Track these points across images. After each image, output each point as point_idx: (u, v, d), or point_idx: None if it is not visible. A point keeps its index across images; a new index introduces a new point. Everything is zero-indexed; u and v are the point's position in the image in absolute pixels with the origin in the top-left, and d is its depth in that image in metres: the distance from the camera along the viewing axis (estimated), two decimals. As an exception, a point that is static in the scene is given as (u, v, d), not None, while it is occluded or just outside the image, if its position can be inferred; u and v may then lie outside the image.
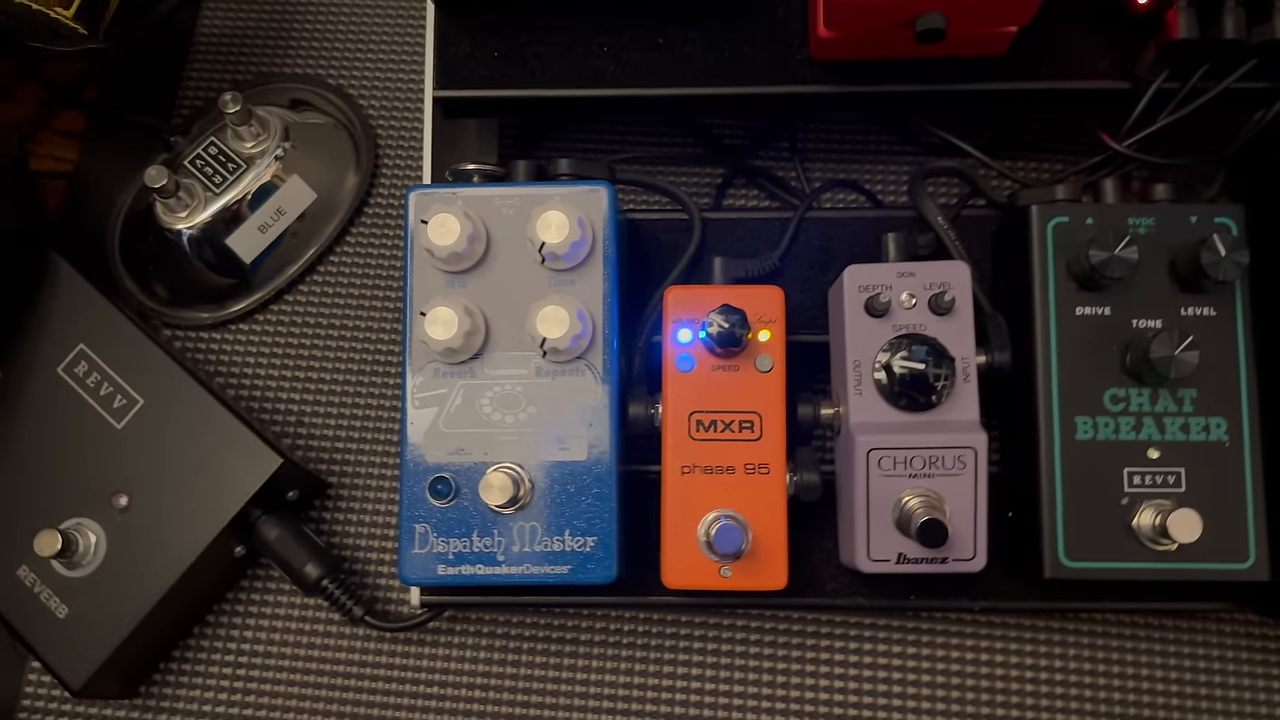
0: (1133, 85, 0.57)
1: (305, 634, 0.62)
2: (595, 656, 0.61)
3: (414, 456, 0.51)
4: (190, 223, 0.65)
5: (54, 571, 0.57)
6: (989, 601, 0.55)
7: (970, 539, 0.50)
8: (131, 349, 0.60)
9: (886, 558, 0.50)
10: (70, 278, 0.62)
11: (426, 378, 0.52)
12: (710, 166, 0.69)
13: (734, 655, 0.60)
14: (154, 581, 0.57)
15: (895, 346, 0.50)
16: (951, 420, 0.50)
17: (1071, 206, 0.53)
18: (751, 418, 0.51)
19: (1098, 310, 0.52)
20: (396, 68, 0.73)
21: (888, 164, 0.69)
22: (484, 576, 0.51)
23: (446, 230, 0.50)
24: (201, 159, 0.66)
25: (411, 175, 0.70)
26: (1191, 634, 0.59)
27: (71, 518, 0.58)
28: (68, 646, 0.57)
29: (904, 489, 0.50)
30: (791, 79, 0.58)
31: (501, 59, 0.59)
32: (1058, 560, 0.51)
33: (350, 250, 0.69)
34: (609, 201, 0.52)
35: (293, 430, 0.66)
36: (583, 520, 0.51)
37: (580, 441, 0.51)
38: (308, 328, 0.68)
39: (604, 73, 0.59)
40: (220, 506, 0.57)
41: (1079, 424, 0.51)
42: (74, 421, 0.59)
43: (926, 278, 0.51)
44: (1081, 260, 0.51)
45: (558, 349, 0.50)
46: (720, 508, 0.51)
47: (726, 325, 0.50)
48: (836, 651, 0.60)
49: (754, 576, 0.50)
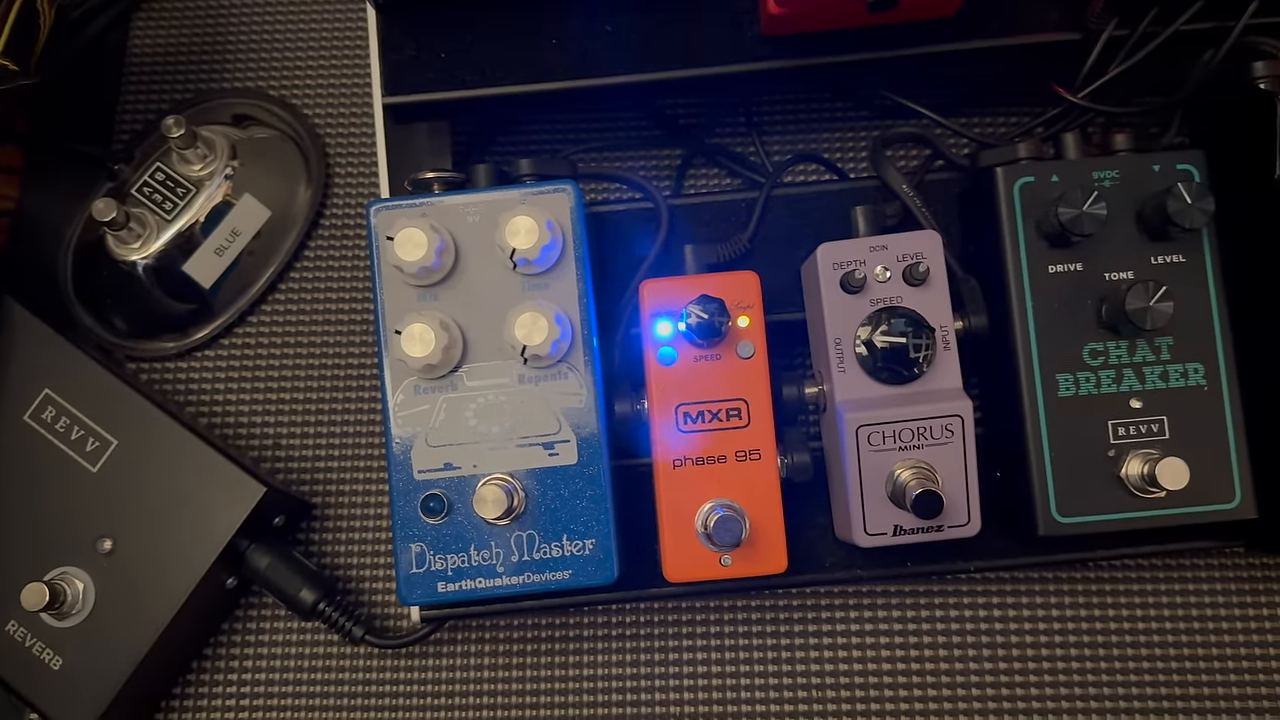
0: (1084, 36, 0.57)
1: (306, 658, 0.61)
2: (600, 651, 0.61)
3: (402, 475, 0.51)
4: (144, 253, 0.64)
5: (44, 624, 0.56)
6: (984, 561, 0.56)
7: (964, 505, 0.50)
8: (98, 388, 0.59)
9: (883, 531, 0.50)
10: (26, 321, 0.60)
11: (407, 395, 0.51)
12: (669, 149, 0.69)
13: (737, 637, 0.61)
14: (147, 623, 0.56)
15: (874, 321, 0.50)
16: (935, 390, 0.50)
17: (1036, 165, 0.53)
18: (738, 405, 0.51)
19: (1070, 267, 0.52)
20: (338, 74, 0.71)
21: (845, 131, 0.68)
22: (485, 590, 0.50)
23: (414, 245, 0.49)
24: (149, 186, 0.64)
25: (366, 183, 0.69)
26: (1183, 572, 0.60)
27: (56, 567, 0.57)
28: (67, 698, 0.56)
29: (895, 462, 0.50)
30: (744, 57, 0.57)
31: (449, 60, 0.58)
32: (1051, 517, 0.51)
33: (310, 265, 0.68)
34: (575, 200, 0.52)
35: (270, 454, 0.65)
36: (579, 524, 0.51)
37: (569, 446, 0.51)
38: (275, 348, 0.66)
39: (554, 66, 0.58)
40: (207, 541, 0.56)
41: (1060, 381, 0.52)
42: (48, 469, 0.58)
43: (899, 249, 0.51)
44: (1050, 219, 0.51)
45: (539, 355, 0.49)
46: (715, 498, 0.51)
47: (706, 315, 0.49)
48: (838, 623, 0.61)
49: (754, 563, 0.51)
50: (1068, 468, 0.51)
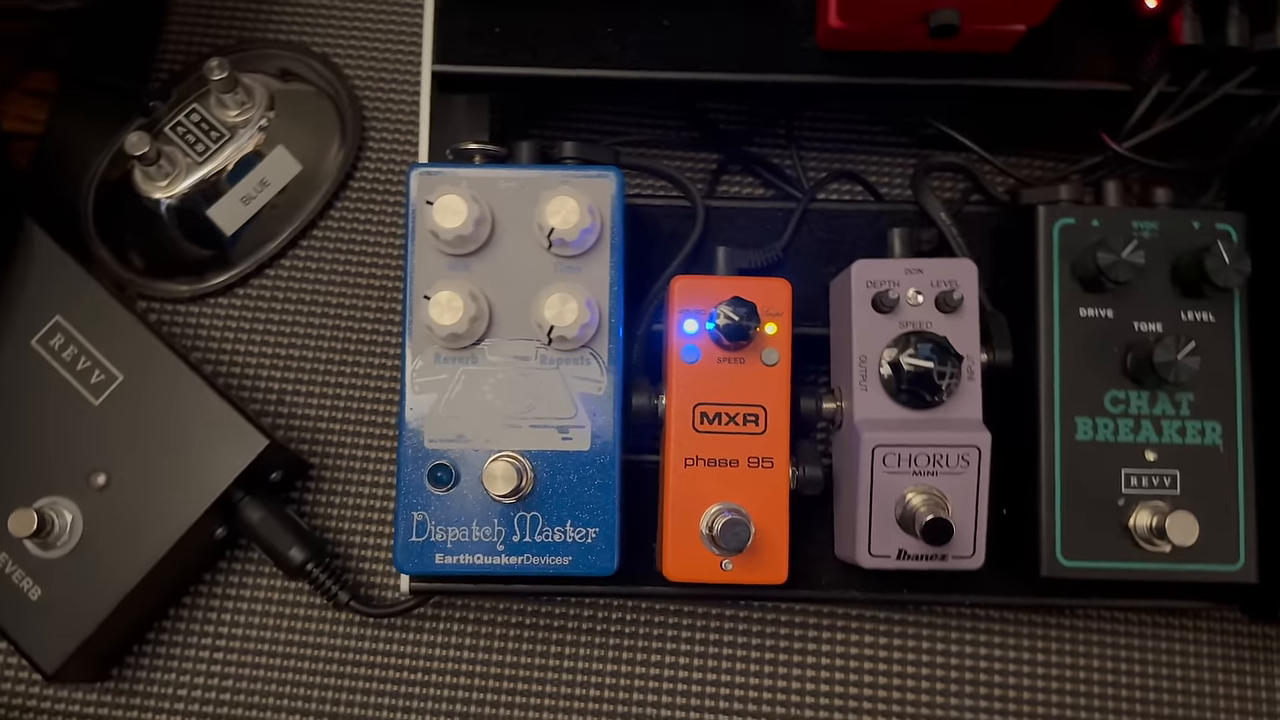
0: (1134, 88, 0.57)
1: (286, 618, 0.61)
2: (584, 645, 0.60)
3: (413, 442, 0.50)
4: (170, 192, 0.63)
5: (27, 552, 0.55)
6: (981, 596, 0.56)
7: (970, 537, 0.50)
8: (111, 322, 0.58)
9: (887, 554, 0.50)
10: (45, 245, 0.59)
11: (426, 362, 0.51)
12: (704, 152, 0.69)
13: (722, 645, 0.60)
14: (132, 563, 0.55)
15: (903, 343, 0.50)
16: (955, 419, 0.50)
17: (1077, 208, 0.53)
18: (756, 411, 0.51)
19: (1101, 312, 0.52)
20: (384, 39, 0.71)
21: (882, 156, 0.68)
22: (483, 566, 0.50)
23: (453, 212, 0.49)
24: (183, 126, 0.64)
25: (399, 150, 0.69)
26: (1182, 631, 0.60)
27: (46, 496, 0.56)
28: (41, 630, 0.55)
29: (907, 486, 0.50)
30: (798, 67, 0.57)
31: (503, 35, 0.58)
32: (1055, 559, 0.51)
33: (334, 225, 0.67)
34: (618, 188, 0.52)
35: (273, 409, 0.64)
36: (584, 511, 0.50)
37: (584, 432, 0.50)
38: (289, 304, 0.66)
39: (608, 54, 0.58)
40: (203, 487, 0.56)
41: (1079, 424, 0.52)
42: (49, 397, 0.57)
43: (934, 275, 0.51)
44: (1087, 262, 0.51)
45: (565, 337, 0.49)
46: (722, 500, 0.50)
47: (736, 318, 0.49)
48: (825, 643, 0.60)
49: (755, 570, 0.50)
50: (1077, 511, 0.51)
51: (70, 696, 0.60)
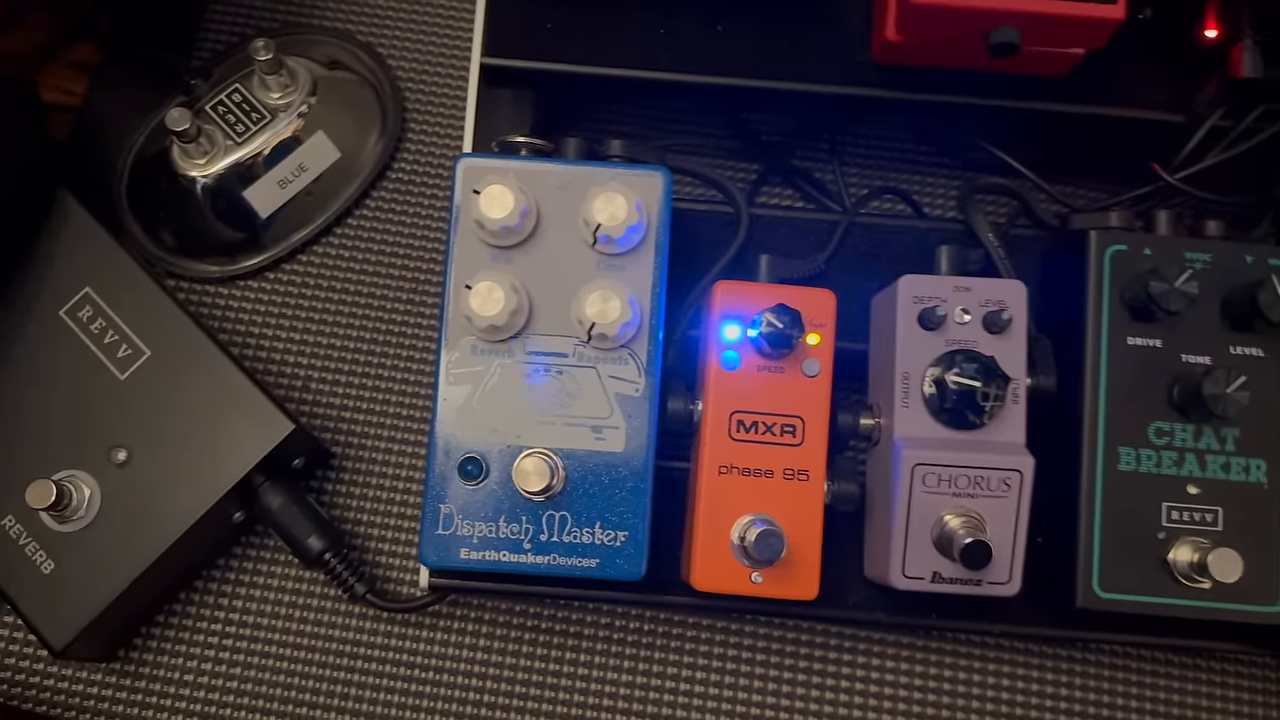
0: (1188, 119, 0.57)
1: (299, 608, 0.60)
2: (599, 653, 0.59)
3: (444, 434, 0.49)
4: (207, 171, 0.63)
5: (43, 524, 0.54)
6: (1011, 626, 0.54)
7: (1007, 563, 0.49)
8: (141, 297, 0.57)
9: (921, 576, 0.49)
10: (80, 217, 0.58)
11: (463, 354, 0.50)
12: (744, 162, 0.68)
13: (740, 662, 0.59)
14: (148, 542, 0.54)
15: (948, 361, 0.49)
16: (998, 441, 0.49)
17: (1130, 235, 0.52)
18: (794, 422, 0.50)
19: (1149, 341, 0.51)
20: (430, 31, 0.70)
21: (925, 176, 0.68)
22: (508, 564, 0.49)
23: (500, 203, 0.48)
24: (224, 105, 0.63)
25: (439, 143, 0.68)
26: (1209, 674, 0.59)
27: (65, 469, 0.55)
28: (52, 604, 0.54)
29: (945, 507, 0.49)
30: (851, 80, 0.57)
31: (554, 31, 0.57)
32: (1091, 590, 0.50)
33: (369, 215, 0.67)
34: (666, 187, 0.51)
35: (298, 396, 0.63)
36: (614, 514, 0.49)
37: (618, 433, 0.50)
38: (320, 290, 0.65)
39: (659, 56, 0.57)
40: (224, 469, 0.55)
41: (1122, 454, 0.51)
42: (74, 368, 0.56)
43: (982, 294, 0.50)
44: (1139, 290, 0.50)
45: (605, 335, 0.48)
46: (755, 511, 0.49)
47: (780, 325, 0.48)
48: (845, 665, 0.59)
49: (785, 585, 0.49)
50: (1116, 543, 0.50)
51: (75, 675, 0.59)
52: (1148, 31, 0.57)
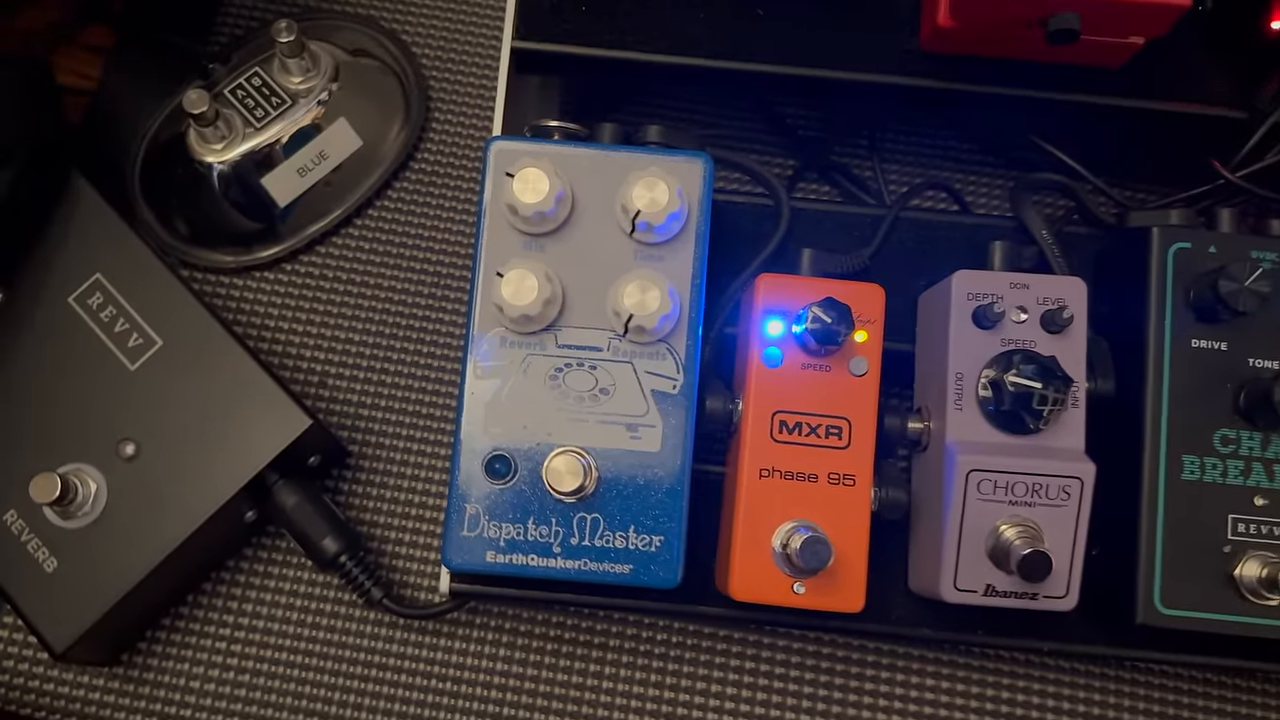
0: (1250, 115, 0.54)
1: (312, 613, 0.57)
2: (625, 665, 0.56)
3: (471, 430, 0.47)
4: (224, 156, 0.60)
5: (46, 520, 0.52)
6: (1061, 644, 0.52)
7: (1065, 576, 0.46)
8: (154, 285, 0.55)
9: (974, 589, 0.46)
10: (92, 201, 0.56)
11: (492, 345, 0.47)
12: (781, 156, 0.66)
13: (774, 677, 0.56)
14: (156, 541, 0.52)
15: (1004, 362, 0.46)
16: (1057, 447, 0.47)
17: (1194, 233, 0.50)
18: (840, 424, 0.47)
19: (1214, 344, 0.49)
20: (455, 18, 0.68)
21: (968, 174, 0.65)
22: (536, 568, 0.46)
23: (535, 187, 0.45)
24: (243, 89, 0.61)
25: (465, 132, 0.66)
26: (1264, 696, 0.56)
27: (71, 462, 0.52)
28: (54, 604, 0.51)
29: (1001, 516, 0.46)
30: (899, 69, 0.54)
31: (588, 14, 0.55)
32: (1152, 605, 0.47)
33: (391, 205, 0.64)
34: (707, 175, 0.48)
35: (315, 391, 0.60)
36: (649, 517, 0.47)
37: (654, 431, 0.47)
38: (339, 283, 0.63)
39: (697, 41, 0.55)
40: (238, 466, 0.52)
41: (1186, 463, 0.48)
42: (83, 357, 0.54)
43: (1041, 291, 0.48)
44: (1205, 290, 0.48)
45: (644, 328, 0.46)
46: (798, 518, 0.47)
47: (828, 320, 0.46)
48: (884, 683, 0.56)
49: (829, 596, 0.46)
50: (1179, 556, 0.47)
51: (76, 680, 0.56)
52: (1209, 22, 0.54)
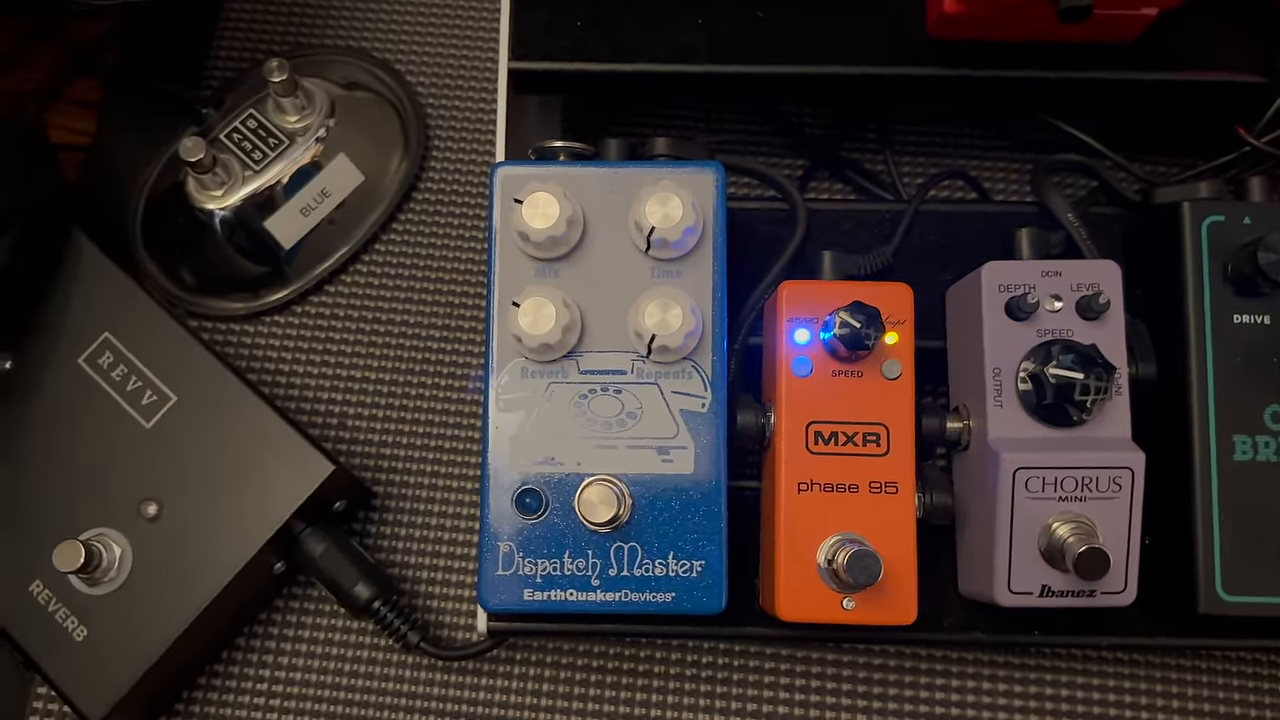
0: (1269, 79, 0.53)
1: (349, 660, 0.56)
2: (673, 691, 0.55)
3: (498, 466, 0.45)
4: (225, 202, 0.59)
5: (73, 588, 0.51)
6: (1122, 638, 0.50)
7: (1122, 570, 0.44)
8: (164, 339, 0.54)
9: (1029, 590, 0.45)
10: (94, 259, 0.55)
11: (513, 377, 0.46)
12: (790, 157, 0.64)
13: (826, 693, 0.55)
14: (185, 601, 0.50)
15: (1043, 353, 0.45)
16: (1103, 438, 0.45)
17: (1226, 205, 0.48)
18: (877, 430, 0.46)
19: (1257, 319, 0.47)
20: (448, 43, 0.67)
21: (982, 160, 0.64)
22: (576, 603, 0.45)
23: (545, 212, 0.44)
24: (239, 133, 0.60)
25: (466, 158, 0.64)
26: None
27: (93, 528, 0.51)
28: (87, 673, 0.50)
29: (1051, 514, 0.44)
30: (907, 59, 0.53)
31: (584, 30, 0.54)
32: (1214, 593, 0.46)
33: (398, 238, 0.63)
34: (719, 185, 0.47)
35: (335, 434, 0.59)
36: (688, 541, 0.45)
37: (686, 453, 0.46)
38: (351, 321, 0.61)
39: (696, 48, 0.54)
40: (263, 518, 0.51)
41: (1237, 443, 0.46)
42: (97, 419, 0.53)
43: (1074, 277, 0.46)
44: (1243, 263, 0.46)
45: (668, 347, 0.44)
46: (842, 530, 0.45)
47: (857, 325, 0.44)
48: (939, 690, 0.55)
49: (880, 610, 0.45)
50: (1238, 540, 0.46)
51: (115, 747, 0.55)
52: (1221, -11, 0.53)
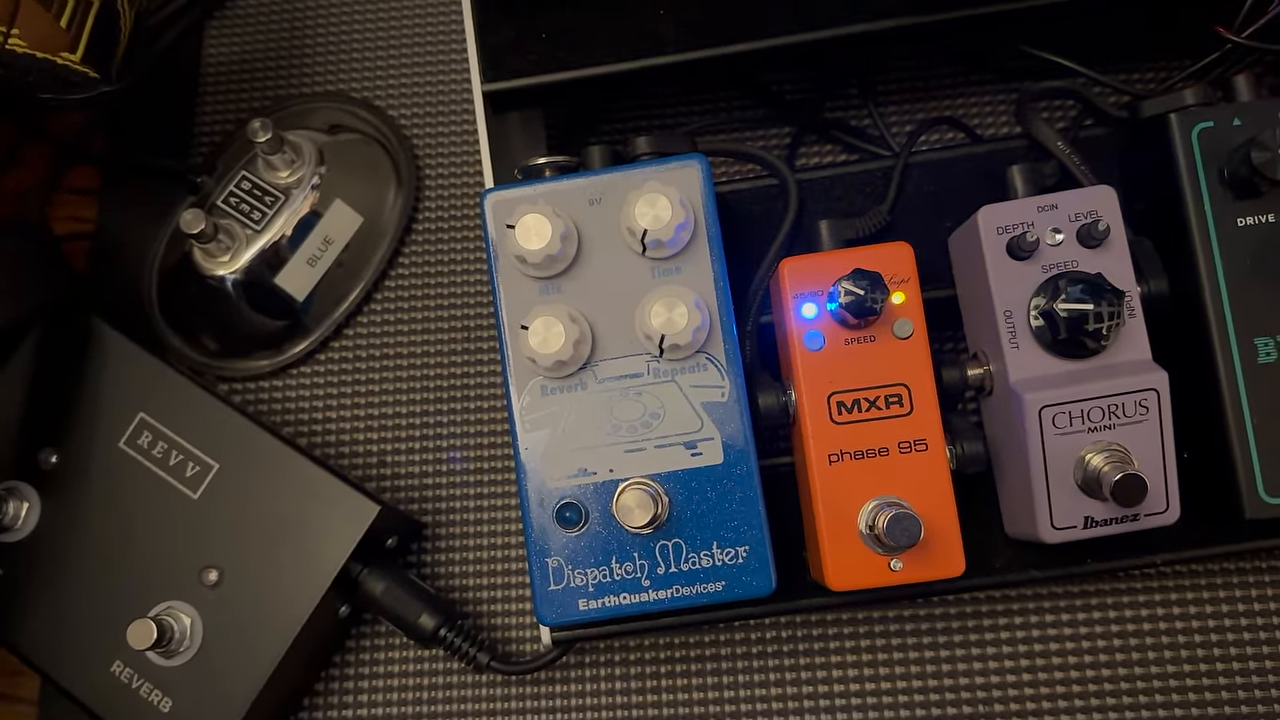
0: (1242, -29, 0.52)
1: (426, 689, 0.57)
2: (742, 670, 0.56)
3: (534, 485, 0.46)
4: (233, 267, 0.60)
5: (151, 663, 0.52)
6: (1174, 554, 0.50)
7: (1162, 490, 0.45)
8: (196, 410, 0.55)
9: (1072, 524, 0.45)
10: (117, 343, 0.57)
11: (533, 397, 0.47)
12: (775, 127, 0.64)
13: (892, 649, 0.55)
14: (259, 658, 0.52)
15: (1051, 289, 0.45)
16: (1124, 362, 0.45)
17: (1212, 110, 0.48)
18: (899, 391, 0.46)
19: (1260, 218, 0.47)
20: (422, 74, 0.67)
21: (968, 98, 0.63)
22: (631, 605, 0.46)
23: (537, 233, 0.45)
24: (235, 196, 0.61)
25: (460, 183, 0.65)
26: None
27: (161, 602, 0.53)
28: (179, 742, 0.52)
29: (1083, 446, 0.45)
30: (876, 13, 0.52)
31: (550, 40, 0.54)
32: (1258, 498, 0.46)
33: (405, 273, 0.64)
34: (705, 175, 0.47)
35: (375, 473, 0.61)
36: (730, 529, 0.46)
37: (713, 444, 0.46)
38: (374, 360, 0.63)
39: (665, 37, 0.54)
40: (320, 566, 0.52)
41: (1259, 346, 0.46)
42: (148, 498, 0.54)
43: (1070, 207, 0.46)
44: (1238, 165, 0.46)
45: (678, 345, 0.45)
46: (879, 495, 0.46)
47: (861, 292, 0.44)
48: (1003, 629, 0.55)
49: (928, 566, 0.45)
50: (1273, 443, 0.46)
51: (218, 805, 0.57)
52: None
